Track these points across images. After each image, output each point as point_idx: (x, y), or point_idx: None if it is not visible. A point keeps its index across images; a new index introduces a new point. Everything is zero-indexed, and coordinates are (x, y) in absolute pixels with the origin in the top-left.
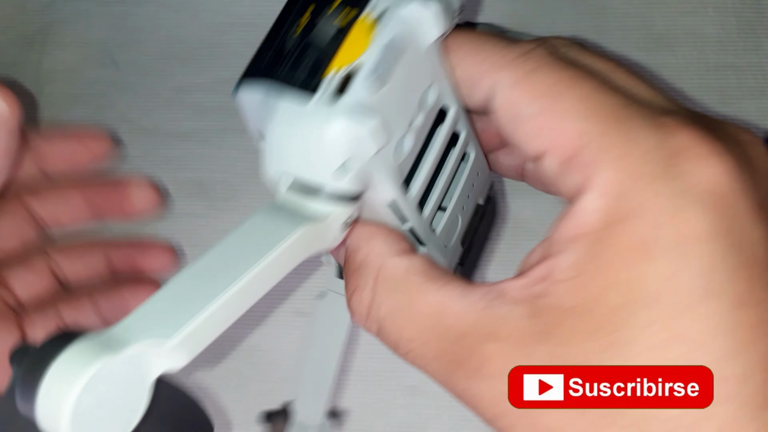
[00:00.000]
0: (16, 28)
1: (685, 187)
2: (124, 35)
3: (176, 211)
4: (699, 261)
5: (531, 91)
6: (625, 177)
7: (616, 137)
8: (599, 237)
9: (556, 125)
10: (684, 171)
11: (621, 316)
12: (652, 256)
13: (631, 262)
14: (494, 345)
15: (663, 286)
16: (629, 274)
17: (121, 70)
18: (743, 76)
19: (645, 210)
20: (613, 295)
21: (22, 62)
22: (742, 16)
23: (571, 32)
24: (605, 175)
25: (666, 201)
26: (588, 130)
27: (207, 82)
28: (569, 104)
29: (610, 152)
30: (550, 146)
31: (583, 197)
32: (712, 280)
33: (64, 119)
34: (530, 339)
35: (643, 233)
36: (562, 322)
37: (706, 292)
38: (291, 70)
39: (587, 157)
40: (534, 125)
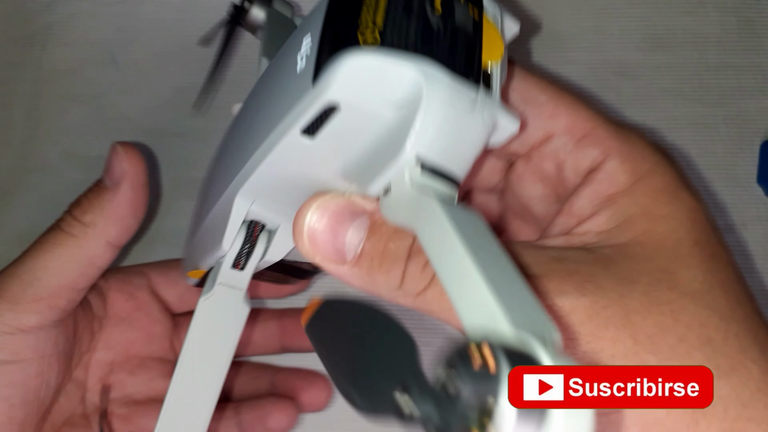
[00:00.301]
0: (16, 28)
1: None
2: (125, 35)
3: (176, 210)
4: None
5: (539, 82)
6: (633, 148)
7: (614, 126)
8: (632, 190)
9: (568, 110)
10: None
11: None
12: (676, 197)
13: (662, 204)
14: (571, 279)
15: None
16: (664, 210)
17: (121, 70)
18: (743, 76)
19: (658, 168)
20: (645, 244)
21: (22, 62)
22: (742, 15)
23: (571, 32)
24: (621, 147)
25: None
26: (595, 117)
27: None
28: (573, 98)
29: (617, 135)
30: (565, 126)
31: (607, 163)
32: (701, 235)
33: (64, 119)
34: (599, 271)
35: (664, 181)
36: (614, 262)
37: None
38: (449, 53)
39: (602, 135)
40: (549, 108)
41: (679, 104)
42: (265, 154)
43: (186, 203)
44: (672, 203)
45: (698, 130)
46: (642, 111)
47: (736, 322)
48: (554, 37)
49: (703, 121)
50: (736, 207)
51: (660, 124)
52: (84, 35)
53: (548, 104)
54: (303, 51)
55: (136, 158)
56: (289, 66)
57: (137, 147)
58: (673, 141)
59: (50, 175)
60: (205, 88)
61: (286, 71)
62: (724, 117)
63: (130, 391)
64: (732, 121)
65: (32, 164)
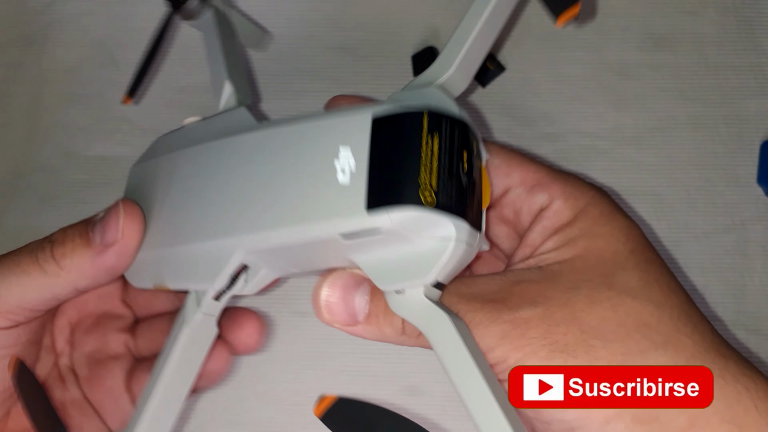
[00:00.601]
0: (16, 28)
1: (608, 203)
2: (124, 35)
3: None
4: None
5: (493, 148)
6: (573, 189)
7: (557, 173)
8: (574, 220)
9: (519, 167)
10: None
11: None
12: (611, 219)
13: (599, 225)
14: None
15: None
16: (602, 230)
17: (121, 70)
18: (743, 75)
19: (594, 200)
20: (587, 258)
21: (22, 62)
22: (742, 16)
23: (571, 32)
24: (564, 189)
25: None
26: (541, 169)
27: (207, 83)
28: (521, 156)
29: (559, 180)
30: (519, 180)
31: (553, 203)
32: (628, 251)
33: (63, 119)
34: (548, 284)
35: (600, 210)
36: (560, 275)
37: (627, 261)
38: (471, 211)
39: (547, 182)
40: (503, 168)
41: (679, 104)
42: (290, 237)
43: None
44: (608, 224)
45: (698, 130)
46: (642, 111)
47: (669, 308)
48: (554, 36)
49: (703, 121)
50: (736, 207)
51: (660, 124)
52: (84, 35)
53: (502, 165)
54: (344, 164)
55: (136, 224)
56: (323, 167)
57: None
58: (673, 141)
59: (50, 174)
60: (138, 76)
61: (321, 172)
62: (724, 117)
63: (88, 349)
64: (732, 121)
65: (32, 164)
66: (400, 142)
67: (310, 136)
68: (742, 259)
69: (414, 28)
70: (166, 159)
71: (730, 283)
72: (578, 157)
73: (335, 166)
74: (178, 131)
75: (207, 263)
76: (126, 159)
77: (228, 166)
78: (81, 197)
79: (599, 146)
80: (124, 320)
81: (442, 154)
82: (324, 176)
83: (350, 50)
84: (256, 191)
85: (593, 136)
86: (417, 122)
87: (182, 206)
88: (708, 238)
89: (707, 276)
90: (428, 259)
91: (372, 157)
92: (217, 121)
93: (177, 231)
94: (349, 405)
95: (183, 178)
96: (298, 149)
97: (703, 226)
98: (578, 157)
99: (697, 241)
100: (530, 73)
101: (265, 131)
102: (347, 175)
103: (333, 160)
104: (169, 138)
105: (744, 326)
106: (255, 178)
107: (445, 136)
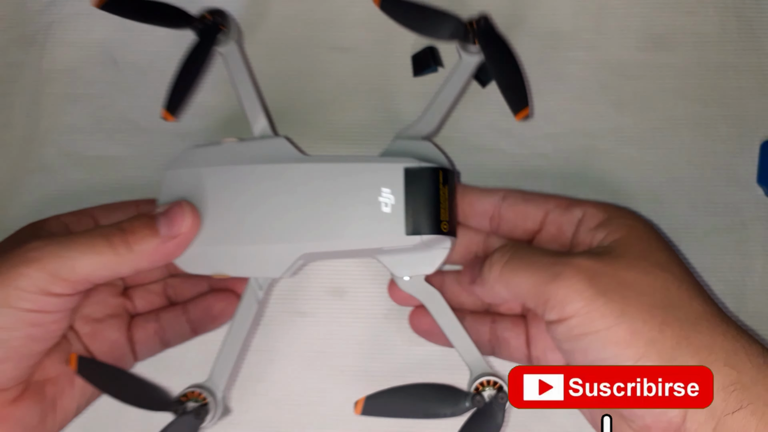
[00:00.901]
0: (17, 28)
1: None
2: (125, 35)
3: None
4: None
5: (524, 193)
6: (599, 203)
7: (580, 200)
8: (608, 219)
9: (547, 198)
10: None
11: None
12: (636, 219)
13: (627, 219)
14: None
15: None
16: (630, 222)
17: (122, 70)
18: (743, 76)
19: (616, 209)
20: (626, 240)
21: (22, 62)
22: (742, 15)
23: (571, 32)
24: (590, 203)
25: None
26: (562, 197)
27: (207, 83)
28: (541, 195)
29: (585, 203)
30: (554, 204)
31: (588, 213)
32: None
33: (64, 119)
34: (597, 261)
35: (622, 212)
36: (607, 251)
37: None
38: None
39: (575, 202)
40: (540, 199)
41: (680, 104)
42: (348, 246)
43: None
44: (633, 218)
45: (698, 130)
46: (642, 111)
47: (687, 282)
48: (554, 36)
49: (703, 121)
50: (736, 207)
51: (660, 124)
52: (84, 35)
53: (537, 197)
54: (386, 199)
55: (195, 222)
56: (369, 200)
57: None
58: (673, 141)
59: (50, 174)
60: (177, 92)
61: (369, 203)
62: (724, 117)
63: (88, 311)
64: (732, 121)
65: (32, 164)
66: (426, 189)
67: (358, 175)
68: (742, 259)
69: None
70: (213, 171)
71: (730, 283)
72: (578, 157)
73: (379, 200)
74: (215, 146)
75: (273, 260)
76: (126, 159)
77: (286, 187)
78: (81, 197)
79: (599, 146)
80: (116, 287)
81: (450, 196)
82: (371, 206)
83: (350, 50)
84: (315, 209)
85: (593, 135)
86: (435, 176)
87: (244, 214)
88: (708, 238)
89: (707, 276)
90: (433, 259)
91: (407, 197)
92: (257, 145)
93: (242, 233)
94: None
95: (240, 191)
96: (349, 183)
97: (703, 226)
98: (578, 157)
99: (697, 241)
100: (530, 73)
101: (317, 164)
102: (389, 207)
103: (377, 196)
104: (206, 151)
105: (744, 326)
106: (313, 199)
107: (450, 184)
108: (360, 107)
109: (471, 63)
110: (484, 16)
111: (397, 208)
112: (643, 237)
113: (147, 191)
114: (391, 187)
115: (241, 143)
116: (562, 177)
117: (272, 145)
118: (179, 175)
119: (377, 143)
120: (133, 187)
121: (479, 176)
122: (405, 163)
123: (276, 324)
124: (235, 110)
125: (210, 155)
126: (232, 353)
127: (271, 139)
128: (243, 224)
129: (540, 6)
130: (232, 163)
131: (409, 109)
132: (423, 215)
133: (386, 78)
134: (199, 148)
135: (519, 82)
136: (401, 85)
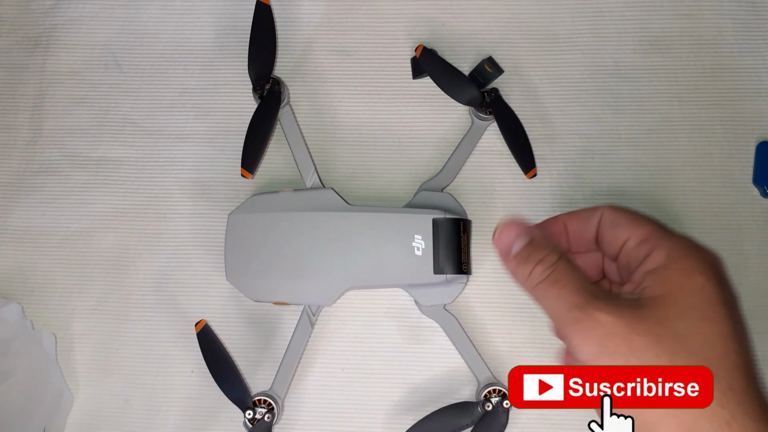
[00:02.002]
0: (21, 31)
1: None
2: (128, 38)
3: (179, 211)
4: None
5: (624, 212)
6: (674, 245)
7: (664, 232)
8: (665, 265)
9: (636, 226)
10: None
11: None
12: (692, 275)
13: (682, 276)
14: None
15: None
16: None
17: (125, 73)
18: (739, 78)
19: (680, 261)
20: (675, 294)
21: (26, 65)
22: (738, 18)
23: (569, 35)
24: (665, 244)
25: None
26: (653, 227)
27: (209, 85)
28: (640, 218)
29: (664, 239)
30: (633, 235)
31: (654, 253)
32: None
33: (67, 121)
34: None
35: (685, 266)
36: (646, 305)
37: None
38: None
39: (653, 239)
40: (626, 227)
41: (675, 106)
42: (386, 282)
43: (188, 205)
44: (688, 279)
45: (694, 131)
46: (638, 113)
47: (714, 364)
48: (551, 39)
49: (699, 123)
50: (732, 207)
51: (656, 126)
52: (87, 38)
53: (627, 224)
54: (418, 244)
55: None
56: (405, 244)
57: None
58: (670, 142)
59: (54, 176)
60: (251, 152)
61: (404, 247)
62: (720, 118)
63: None
64: (728, 123)
65: (36, 166)
66: (450, 237)
67: (395, 224)
68: (738, 259)
69: (414, 31)
70: (274, 216)
71: None
72: (575, 159)
73: (413, 245)
74: (274, 195)
75: (325, 292)
76: (129, 160)
77: (336, 232)
78: (85, 198)
79: (596, 147)
80: None
81: (468, 242)
82: (406, 250)
83: (351, 53)
84: (360, 250)
85: (590, 137)
86: (457, 226)
87: (302, 253)
88: (704, 238)
89: None
90: (451, 292)
91: (434, 243)
92: (310, 196)
93: (300, 270)
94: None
95: (297, 234)
96: (388, 230)
97: (699, 226)
98: (575, 159)
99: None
100: (528, 75)
101: (362, 213)
102: (420, 251)
103: (411, 241)
104: (266, 198)
105: None
106: (359, 242)
107: (468, 232)
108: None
109: (482, 127)
110: (495, 89)
111: (426, 251)
112: (682, 300)
113: (148, 192)
114: (422, 234)
115: (295, 193)
116: (559, 178)
117: (322, 195)
118: (243, 219)
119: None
120: (136, 189)
121: (479, 176)
122: (433, 214)
123: (276, 324)
124: (235, 111)
125: (272, 203)
126: (290, 366)
127: (320, 190)
128: (301, 262)
129: (538, 9)
130: (290, 210)
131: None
132: (448, 258)
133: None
134: (259, 196)
135: (527, 147)
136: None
